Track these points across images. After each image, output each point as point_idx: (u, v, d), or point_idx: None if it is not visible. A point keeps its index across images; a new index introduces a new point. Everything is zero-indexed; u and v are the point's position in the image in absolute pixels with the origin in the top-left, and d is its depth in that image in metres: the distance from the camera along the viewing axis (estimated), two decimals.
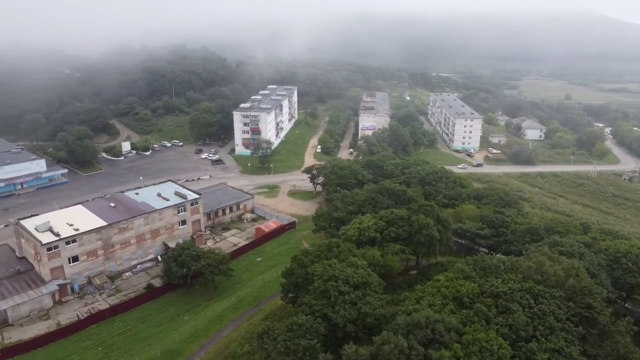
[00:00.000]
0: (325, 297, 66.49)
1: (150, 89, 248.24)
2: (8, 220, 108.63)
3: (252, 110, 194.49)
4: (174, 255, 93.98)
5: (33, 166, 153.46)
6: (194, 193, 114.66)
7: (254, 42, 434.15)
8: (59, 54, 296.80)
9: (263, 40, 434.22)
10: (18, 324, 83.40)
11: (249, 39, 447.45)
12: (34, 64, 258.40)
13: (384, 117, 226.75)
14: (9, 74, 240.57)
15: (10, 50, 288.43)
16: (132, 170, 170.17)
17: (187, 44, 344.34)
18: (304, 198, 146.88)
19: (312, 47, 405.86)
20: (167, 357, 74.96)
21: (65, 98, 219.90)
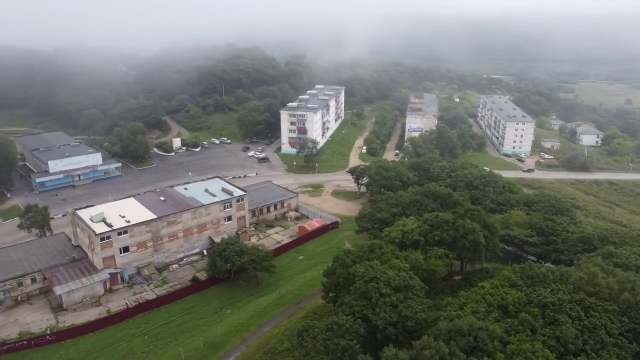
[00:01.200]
0: (366, 298, 66.29)
1: (202, 87, 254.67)
2: (66, 210, 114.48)
3: (299, 110, 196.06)
4: (219, 250, 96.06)
5: (90, 159, 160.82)
6: (240, 190, 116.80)
7: (303, 42, 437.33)
8: (117, 53, 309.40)
9: (313, 40, 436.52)
10: (72, 309, 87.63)
11: (298, 39, 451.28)
12: (94, 62, 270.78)
13: (432, 119, 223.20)
14: (70, 72, 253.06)
15: (71, 49, 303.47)
16: (181, 166, 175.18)
17: (238, 43, 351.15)
18: (348, 198, 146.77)
19: (366, 48, 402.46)
20: (210, 348, 76.82)
21: (121, 95, 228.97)
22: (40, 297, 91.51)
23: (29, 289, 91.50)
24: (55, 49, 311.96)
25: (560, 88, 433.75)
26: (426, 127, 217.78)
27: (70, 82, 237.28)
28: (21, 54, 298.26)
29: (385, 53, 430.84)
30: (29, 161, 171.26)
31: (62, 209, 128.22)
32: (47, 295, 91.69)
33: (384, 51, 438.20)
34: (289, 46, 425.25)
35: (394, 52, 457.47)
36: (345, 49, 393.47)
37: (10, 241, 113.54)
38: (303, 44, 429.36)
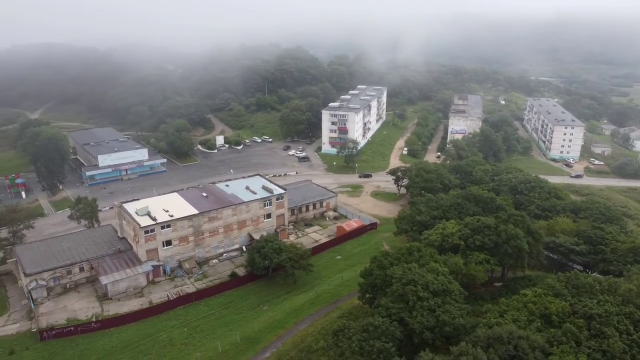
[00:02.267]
0: (403, 301, 65.65)
1: (245, 86, 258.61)
2: (113, 203, 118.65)
3: (340, 110, 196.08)
4: (257, 247, 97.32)
5: (137, 154, 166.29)
6: (280, 188, 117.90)
7: (351, 43, 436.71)
8: (165, 52, 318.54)
9: (361, 40, 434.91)
10: (116, 299, 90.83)
11: (342, 39, 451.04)
12: (143, 60, 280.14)
13: (476, 121, 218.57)
14: (121, 70, 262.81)
15: (122, 48, 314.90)
16: (224, 163, 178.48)
17: (282, 43, 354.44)
18: (387, 199, 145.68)
19: (415, 49, 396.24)
20: (246, 343, 77.98)
21: (168, 92, 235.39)
22: (87, 286, 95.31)
23: (77, 277, 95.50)
24: (108, 48, 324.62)
25: (613, 91, 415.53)
26: (469, 130, 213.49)
27: (120, 80, 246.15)
28: (76, 52, 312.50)
29: (433, 54, 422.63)
30: (80, 155, 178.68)
31: (110, 202, 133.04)
32: (93, 284, 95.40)
33: (432, 52, 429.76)
34: (333, 47, 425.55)
35: (441, 52, 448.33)
36: (394, 49, 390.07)
37: (61, 231, 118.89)
38: (351, 45, 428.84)
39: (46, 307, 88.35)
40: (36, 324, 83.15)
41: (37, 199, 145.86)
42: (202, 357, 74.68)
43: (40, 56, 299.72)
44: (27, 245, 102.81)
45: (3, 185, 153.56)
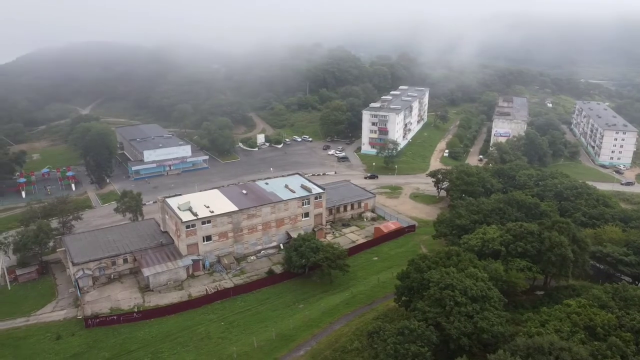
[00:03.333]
0: (440, 305, 64.73)
1: (287, 85, 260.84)
2: (156, 198, 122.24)
3: (381, 110, 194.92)
4: (295, 245, 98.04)
5: (180, 151, 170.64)
6: (319, 187, 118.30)
7: (390, 43, 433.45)
8: (210, 51, 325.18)
9: (400, 41, 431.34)
10: (157, 290, 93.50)
11: (385, 39, 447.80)
12: (189, 59, 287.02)
13: (521, 124, 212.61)
14: (167, 68, 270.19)
15: (169, 47, 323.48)
16: (264, 161, 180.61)
17: (325, 43, 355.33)
18: (426, 202, 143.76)
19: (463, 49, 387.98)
20: (281, 340, 78.71)
21: (211, 91, 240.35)
22: (130, 277, 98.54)
23: (121, 268, 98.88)
24: (156, 47, 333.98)
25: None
26: (514, 133, 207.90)
27: (167, 78, 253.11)
28: (125, 51, 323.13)
29: (481, 55, 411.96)
30: (127, 150, 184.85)
31: (153, 196, 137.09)
32: (136, 275, 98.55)
33: (480, 53, 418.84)
34: (374, 47, 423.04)
35: (490, 53, 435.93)
36: (444, 50, 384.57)
37: (107, 223, 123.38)
38: (390, 45, 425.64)
39: (91, 295, 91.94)
40: (82, 312, 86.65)
41: (86, 192, 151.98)
42: (238, 352, 75.88)
43: (91, 54, 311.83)
44: (75, 236, 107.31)
45: (55, 177, 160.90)
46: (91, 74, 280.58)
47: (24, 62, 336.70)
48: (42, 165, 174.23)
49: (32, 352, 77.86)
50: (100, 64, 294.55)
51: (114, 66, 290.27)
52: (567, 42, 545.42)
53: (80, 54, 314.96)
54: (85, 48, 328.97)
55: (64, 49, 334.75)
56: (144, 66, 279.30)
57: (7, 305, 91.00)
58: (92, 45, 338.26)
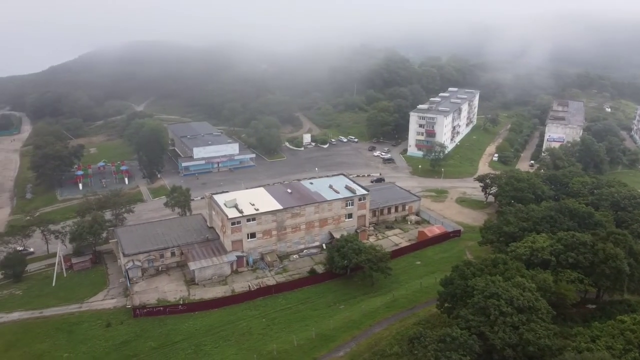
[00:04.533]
0: (484, 314, 63.21)
1: (334, 85, 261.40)
2: (204, 194, 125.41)
3: (429, 112, 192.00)
4: (337, 246, 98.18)
5: (228, 149, 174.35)
6: (363, 189, 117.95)
7: (440, 43, 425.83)
8: (261, 51, 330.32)
9: (451, 41, 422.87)
10: (202, 284, 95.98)
11: (435, 40, 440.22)
12: (239, 59, 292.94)
13: (576, 129, 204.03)
14: (218, 67, 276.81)
15: (220, 46, 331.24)
16: (309, 161, 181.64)
17: (373, 43, 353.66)
18: (473, 207, 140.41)
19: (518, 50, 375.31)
20: (321, 340, 79.04)
21: (260, 90, 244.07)
22: (177, 270, 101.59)
23: (168, 261, 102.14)
24: (208, 47, 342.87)
25: None
26: (568, 138, 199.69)
27: (217, 77, 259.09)
28: (180, 51, 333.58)
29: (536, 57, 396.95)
30: (178, 147, 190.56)
31: (201, 192, 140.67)
32: (182, 268, 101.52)
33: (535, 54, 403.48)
34: (424, 47, 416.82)
35: (548, 56, 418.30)
36: (491, 51, 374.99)
37: (157, 216, 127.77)
38: (439, 46, 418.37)
39: (140, 286, 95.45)
40: (130, 301, 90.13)
41: (138, 186, 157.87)
42: (278, 349, 76.79)
43: (148, 54, 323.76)
44: (127, 228, 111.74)
45: (110, 171, 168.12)
46: (147, 72, 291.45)
47: (86, 60, 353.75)
48: (98, 158, 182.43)
49: (84, 337, 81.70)
50: (155, 63, 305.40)
51: (169, 65, 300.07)
52: (629, 44, 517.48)
53: (137, 53, 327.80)
54: (142, 47, 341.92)
55: (123, 48, 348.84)
56: (196, 65, 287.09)
57: (63, 292, 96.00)
58: (149, 44, 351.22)
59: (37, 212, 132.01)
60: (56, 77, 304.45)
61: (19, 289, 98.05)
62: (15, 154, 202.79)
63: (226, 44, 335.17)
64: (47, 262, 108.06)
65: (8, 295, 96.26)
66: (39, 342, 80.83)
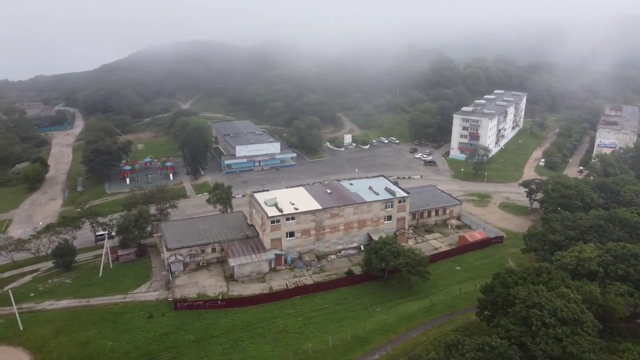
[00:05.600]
0: (525, 324, 61.50)
1: (377, 86, 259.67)
2: (245, 192, 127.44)
3: (473, 115, 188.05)
4: (375, 248, 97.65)
5: (270, 148, 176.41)
6: (403, 191, 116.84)
7: (488, 44, 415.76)
8: (305, 51, 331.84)
9: (500, 43, 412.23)
10: (240, 281, 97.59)
11: (480, 41, 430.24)
12: (283, 59, 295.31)
13: (630, 135, 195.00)
14: (262, 67, 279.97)
15: (266, 46, 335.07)
16: (349, 162, 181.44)
17: (418, 44, 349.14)
18: (517, 213, 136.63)
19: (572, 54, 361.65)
20: (356, 342, 78.86)
21: (303, 90, 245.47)
22: (217, 266, 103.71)
23: (209, 256, 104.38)
24: (253, 46, 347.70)
25: None
26: (621, 144, 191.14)
27: (261, 77, 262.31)
28: (225, 50, 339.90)
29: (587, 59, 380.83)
30: (221, 144, 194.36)
31: (242, 190, 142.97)
32: (222, 264, 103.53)
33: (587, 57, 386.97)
34: (471, 48, 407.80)
35: (608, 59, 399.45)
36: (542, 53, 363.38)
37: (199, 212, 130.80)
38: (487, 47, 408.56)
39: (181, 280, 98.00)
40: (172, 295, 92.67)
41: (182, 182, 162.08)
42: (314, 349, 77.15)
43: (195, 53, 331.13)
44: (170, 223, 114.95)
45: (155, 166, 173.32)
46: (194, 71, 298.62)
47: (135, 59, 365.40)
48: (145, 154, 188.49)
49: (127, 327, 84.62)
50: (202, 62, 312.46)
51: (214, 64, 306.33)
52: None
53: (186, 52, 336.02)
54: (191, 47, 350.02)
55: (172, 47, 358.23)
56: (242, 65, 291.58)
57: (108, 282, 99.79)
58: (198, 44, 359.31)
59: (87, 205, 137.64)
60: (108, 74, 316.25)
61: (68, 278, 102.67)
62: (68, 149, 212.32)
63: (272, 44, 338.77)
64: (95, 253, 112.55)
65: (59, 283, 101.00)
66: (86, 329, 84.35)
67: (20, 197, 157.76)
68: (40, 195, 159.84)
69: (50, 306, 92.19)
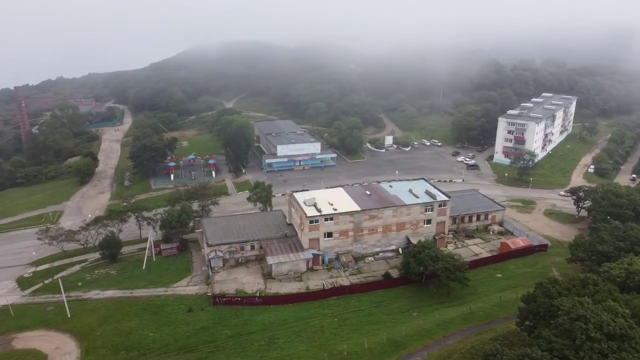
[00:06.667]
0: (569, 337, 59.38)
1: (420, 87, 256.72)
2: (285, 191, 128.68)
3: (519, 118, 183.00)
4: (414, 251, 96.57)
5: (310, 148, 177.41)
6: (444, 195, 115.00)
7: (534, 45, 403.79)
8: (350, 51, 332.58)
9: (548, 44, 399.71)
10: (278, 279, 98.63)
11: (527, 40, 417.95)
12: (328, 59, 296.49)
13: None
14: (306, 67, 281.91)
15: (310, 47, 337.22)
16: (390, 163, 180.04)
17: (464, 46, 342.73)
18: (563, 220, 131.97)
19: None
20: (392, 346, 78.18)
21: (345, 90, 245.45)
22: (255, 263, 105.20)
23: (248, 254, 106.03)
24: (297, 47, 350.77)
25: None
26: None
27: (305, 76, 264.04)
28: (270, 50, 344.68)
29: None
30: (262, 143, 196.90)
31: (282, 189, 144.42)
32: (260, 262, 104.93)
33: None
34: (516, 50, 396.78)
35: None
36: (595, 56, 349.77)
37: (240, 210, 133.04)
38: (534, 47, 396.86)
39: (220, 276, 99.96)
40: (211, 290, 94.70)
41: (224, 179, 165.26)
42: (349, 350, 76.98)
43: (240, 52, 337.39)
44: (211, 219, 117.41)
45: (199, 164, 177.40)
46: (238, 71, 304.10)
47: (182, 58, 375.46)
48: (189, 152, 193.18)
49: (168, 319, 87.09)
50: (248, 62, 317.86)
51: (259, 64, 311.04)
52: None
53: (232, 52, 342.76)
54: (237, 47, 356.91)
55: (218, 46, 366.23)
56: (286, 65, 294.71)
57: (151, 275, 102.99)
58: (244, 44, 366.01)
59: (133, 199, 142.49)
60: (156, 73, 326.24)
61: (113, 269, 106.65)
62: (117, 144, 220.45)
63: (318, 45, 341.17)
64: (139, 246, 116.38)
65: (105, 274, 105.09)
66: (128, 320, 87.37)
67: (72, 190, 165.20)
68: (90, 189, 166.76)
69: (96, 296, 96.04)
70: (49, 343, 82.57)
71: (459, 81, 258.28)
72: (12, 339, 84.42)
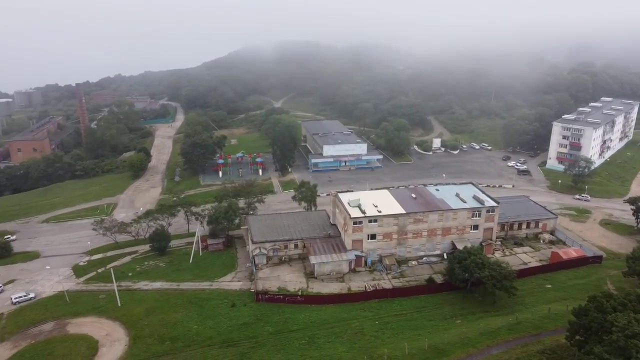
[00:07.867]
0: (622, 355, 56.56)
1: (471, 90, 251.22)
2: (330, 191, 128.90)
3: (575, 123, 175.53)
4: (459, 257, 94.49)
5: (357, 148, 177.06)
6: (492, 200, 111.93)
7: (593, 48, 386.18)
8: (399, 52, 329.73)
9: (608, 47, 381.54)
10: (320, 279, 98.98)
11: (589, 44, 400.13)
12: (376, 59, 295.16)
13: None
14: (354, 67, 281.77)
15: (359, 47, 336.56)
16: (437, 166, 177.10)
17: (518, 47, 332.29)
18: (620, 232, 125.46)
19: None
20: (433, 352, 76.81)
21: (394, 92, 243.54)
22: (298, 262, 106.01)
23: (291, 252, 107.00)
24: (347, 47, 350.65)
25: None
26: None
27: (353, 77, 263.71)
28: (320, 50, 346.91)
29: None
30: (309, 143, 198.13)
31: (327, 189, 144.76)
32: (303, 261, 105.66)
33: None
34: (576, 52, 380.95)
35: None
36: None
37: (284, 208, 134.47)
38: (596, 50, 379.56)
39: (264, 273, 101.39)
40: (254, 286, 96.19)
41: (270, 178, 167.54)
42: (389, 354, 76.23)
43: (290, 52, 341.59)
44: (257, 217, 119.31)
45: (246, 162, 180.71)
46: (288, 71, 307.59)
47: (234, 57, 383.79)
48: (237, 149, 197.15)
49: (211, 313, 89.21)
50: (296, 62, 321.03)
51: (308, 64, 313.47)
52: None
53: (280, 51, 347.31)
54: (287, 47, 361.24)
55: (267, 46, 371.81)
56: (336, 65, 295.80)
57: (197, 269, 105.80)
58: (292, 44, 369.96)
59: (182, 194, 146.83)
60: (209, 71, 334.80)
61: (162, 262, 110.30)
62: (169, 140, 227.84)
63: (368, 45, 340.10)
64: (187, 240, 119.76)
65: (154, 266, 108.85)
66: (174, 311, 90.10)
67: (125, 184, 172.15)
68: (143, 183, 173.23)
69: (145, 286, 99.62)
70: (100, 330, 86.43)
71: (512, 83, 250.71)
72: (67, 324, 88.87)
